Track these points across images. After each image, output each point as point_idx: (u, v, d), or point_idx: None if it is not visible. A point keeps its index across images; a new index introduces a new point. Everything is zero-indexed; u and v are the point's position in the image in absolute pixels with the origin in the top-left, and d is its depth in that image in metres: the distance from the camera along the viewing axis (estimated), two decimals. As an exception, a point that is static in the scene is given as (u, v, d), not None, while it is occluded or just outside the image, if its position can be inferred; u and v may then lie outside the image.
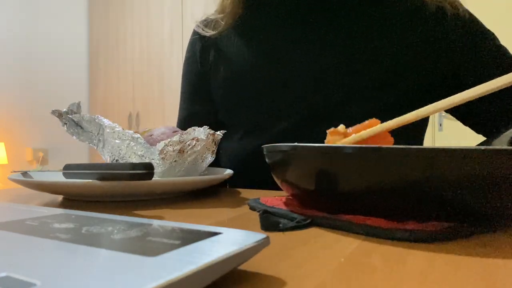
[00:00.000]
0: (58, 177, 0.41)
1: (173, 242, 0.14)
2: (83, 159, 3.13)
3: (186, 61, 0.64)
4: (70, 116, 0.40)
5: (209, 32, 0.59)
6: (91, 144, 0.42)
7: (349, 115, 0.49)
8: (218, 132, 0.42)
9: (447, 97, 0.39)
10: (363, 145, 0.20)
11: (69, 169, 0.35)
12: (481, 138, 0.53)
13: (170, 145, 0.37)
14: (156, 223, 0.17)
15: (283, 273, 0.15)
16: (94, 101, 3.06)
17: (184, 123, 0.62)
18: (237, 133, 0.56)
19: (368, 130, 0.27)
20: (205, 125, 0.61)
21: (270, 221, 0.24)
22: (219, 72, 0.57)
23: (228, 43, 0.57)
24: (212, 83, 0.59)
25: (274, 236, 0.21)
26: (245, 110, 0.54)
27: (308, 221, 0.23)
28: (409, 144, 0.21)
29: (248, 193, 0.41)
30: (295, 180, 0.25)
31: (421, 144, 0.56)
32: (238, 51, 0.55)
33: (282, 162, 0.26)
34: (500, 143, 0.42)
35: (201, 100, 0.61)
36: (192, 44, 0.63)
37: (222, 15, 0.58)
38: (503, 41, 0.51)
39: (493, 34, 0.51)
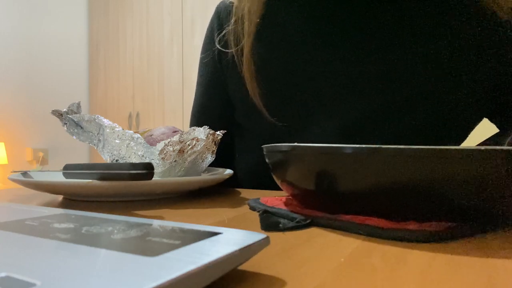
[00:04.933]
0: (58, 177, 0.41)
1: (173, 242, 0.14)
2: (83, 159, 3.13)
3: (204, 45, 0.57)
4: (70, 116, 0.40)
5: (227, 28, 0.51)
6: (91, 144, 0.42)
7: (389, 128, 0.43)
8: (218, 132, 0.42)
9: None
10: (363, 145, 0.20)
11: (69, 169, 0.35)
12: (480, 139, 0.53)
13: (170, 145, 0.37)
14: (156, 223, 0.17)
15: (283, 273, 0.15)
16: (94, 101, 3.06)
17: (198, 115, 0.58)
18: (257, 142, 0.50)
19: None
20: (222, 120, 0.57)
21: (270, 221, 0.24)
22: (237, 68, 0.50)
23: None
24: (229, 79, 0.52)
25: (274, 236, 0.21)
26: (266, 118, 0.47)
27: (308, 221, 0.23)
28: None
29: (248, 193, 0.41)
30: (295, 180, 0.25)
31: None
32: (260, 54, 0.48)
33: (282, 162, 0.26)
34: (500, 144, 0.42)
35: (217, 93, 0.55)
36: (211, 29, 0.55)
37: (243, 4, 0.50)
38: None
39: None
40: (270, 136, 0.49)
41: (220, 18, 0.54)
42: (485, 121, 0.50)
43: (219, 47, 0.52)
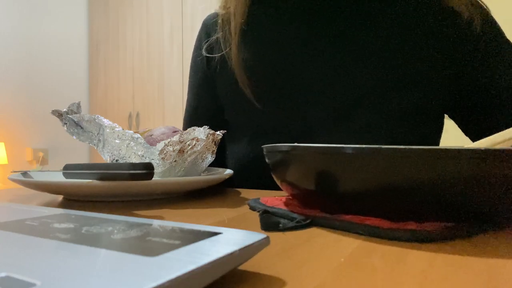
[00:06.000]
0: (58, 177, 0.41)
1: (173, 242, 0.14)
2: (83, 159, 3.13)
3: (194, 53, 0.61)
4: (70, 116, 0.40)
5: (214, 35, 0.57)
6: (91, 144, 0.42)
7: (366, 117, 0.47)
8: (218, 132, 0.42)
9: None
10: (363, 146, 0.20)
11: (69, 169, 0.35)
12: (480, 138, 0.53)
13: (170, 145, 0.37)
14: (156, 223, 0.17)
15: (283, 273, 0.15)
16: (94, 101, 3.06)
17: (190, 118, 0.62)
18: (245, 135, 0.54)
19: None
20: (212, 121, 0.60)
21: (270, 221, 0.24)
22: (225, 69, 0.54)
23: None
24: (218, 80, 0.56)
25: (274, 236, 0.21)
26: (254, 111, 0.51)
27: (308, 221, 0.23)
28: None
29: (248, 193, 0.41)
30: (295, 180, 0.25)
31: None
32: (247, 48, 0.52)
33: (282, 162, 0.26)
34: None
35: (207, 96, 0.59)
36: (199, 39, 0.61)
37: (229, 10, 0.55)
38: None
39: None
40: (258, 126, 0.52)
41: (207, 29, 0.59)
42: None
43: (205, 54, 0.58)
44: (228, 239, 0.14)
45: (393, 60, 0.47)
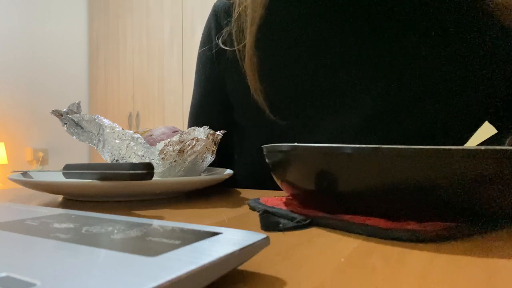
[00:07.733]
0: (58, 177, 0.41)
1: (173, 242, 0.14)
2: (83, 159, 3.13)
3: (201, 45, 0.55)
4: (70, 116, 0.40)
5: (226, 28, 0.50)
6: (91, 144, 0.42)
7: (391, 129, 0.42)
8: (218, 132, 0.42)
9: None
10: (363, 146, 0.20)
11: (69, 169, 0.35)
12: (481, 139, 0.53)
13: (170, 145, 0.37)
14: (156, 223, 0.17)
15: (283, 273, 0.15)
16: (94, 101, 3.06)
17: (196, 115, 0.57)
18: (255, 141, 0.50)
19: None
20: (220, 120, 0.56)
21: (270, 221, 0.24)
22: (237, 67, 0.48)
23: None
24: (228, 78, 0.51)
25: (274, 236, 0.21)
26: (266, 119, 0.46)
27: (308, 221, 0.23)
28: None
29: (248, 193, 0.41)
30: (295, 180, 0.25)
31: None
32: (263, 50, 0.46)
33: (282, 162, 0.26)
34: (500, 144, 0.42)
35: (215, 94, 0.54)
36: (208, 28, 0.54)
37: (246, 2, 0.47)
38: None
39: None
40: (269, 135, 0.48)
41: (218, 17, 0.53)
42: (485, 123, 0.50)
43: (221, 45, 0.51)
44: (228, 239, 0.14)
45: (426, 70, 0.41)
